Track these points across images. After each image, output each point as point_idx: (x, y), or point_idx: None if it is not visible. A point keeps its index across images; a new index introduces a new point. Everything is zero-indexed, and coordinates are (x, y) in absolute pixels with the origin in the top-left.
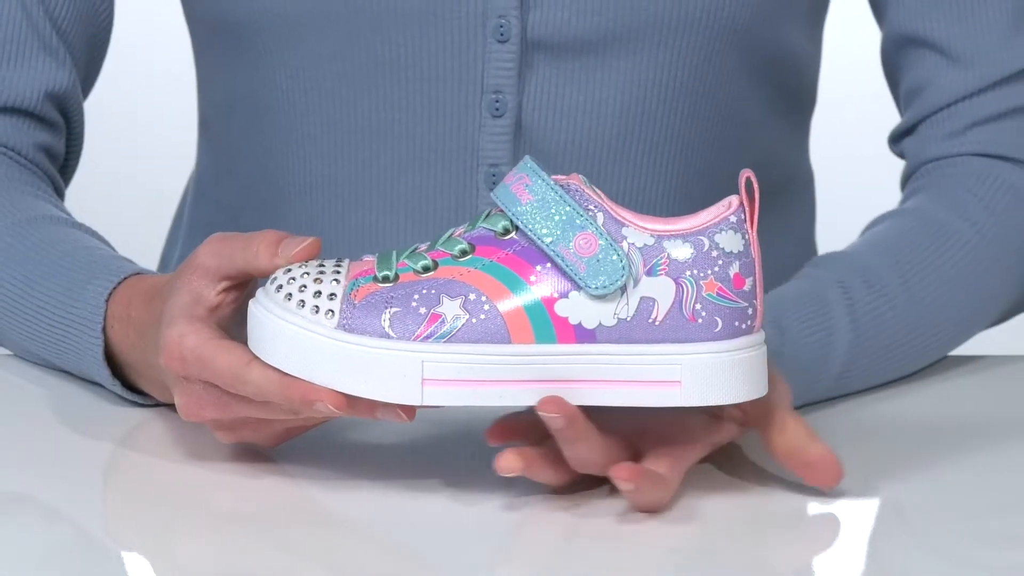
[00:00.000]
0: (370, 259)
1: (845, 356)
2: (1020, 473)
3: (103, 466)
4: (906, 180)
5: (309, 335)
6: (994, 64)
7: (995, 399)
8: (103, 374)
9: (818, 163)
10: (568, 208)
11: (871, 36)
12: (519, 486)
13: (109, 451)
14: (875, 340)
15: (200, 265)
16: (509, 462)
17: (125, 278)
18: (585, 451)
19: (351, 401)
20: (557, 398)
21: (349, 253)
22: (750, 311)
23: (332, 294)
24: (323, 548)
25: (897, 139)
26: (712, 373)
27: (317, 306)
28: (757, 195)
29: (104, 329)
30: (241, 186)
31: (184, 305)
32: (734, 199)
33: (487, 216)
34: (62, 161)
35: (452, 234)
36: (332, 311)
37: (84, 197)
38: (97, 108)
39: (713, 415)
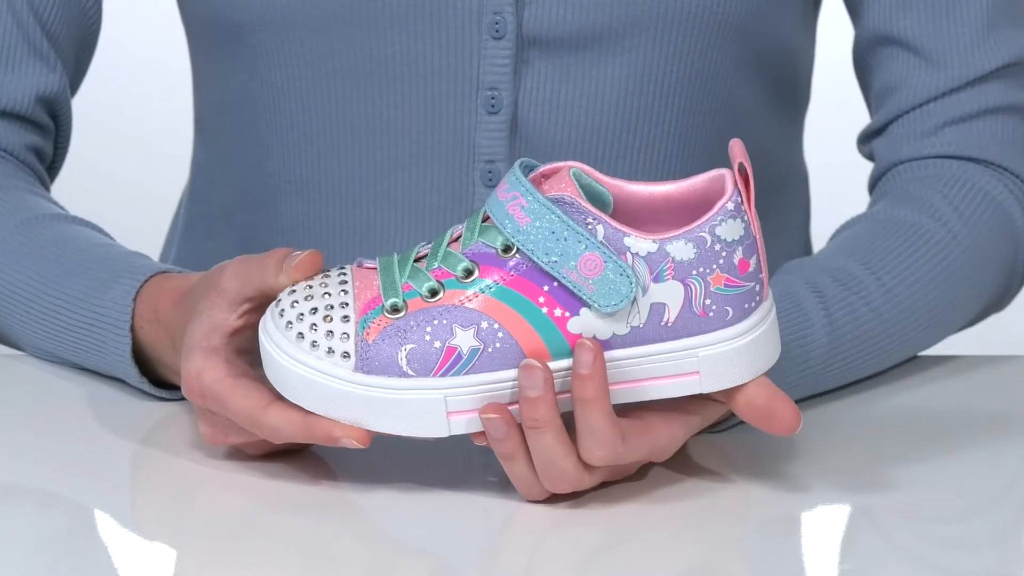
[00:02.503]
0: (371, 265)
1: (823, 352)
2: (986, 475)
3: (128, 461)
4: (875, 182)
5: (328, 379)
6: (967, 64)
7: (966, 400)
8: (130, 372)
9: (812, 163)
10: (568, 230)
11: None
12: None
13: (132, 447)
14: (852, 335)
15: (223, 289)
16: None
17: (150, 277)
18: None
19: (375, 433)
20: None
21: (345, 250)
22: (757, 288)
23: (344, 334)
24: (345, 544)
25: (866, 140)
26: (729, 359)
27: (331, 348)
28: (751, 172)
29: (132, 328)
30: (236, 185)
31: (201, 335)
32: (727, 175)
33: (484, 229)
34: (49, 162)
35: (451, 239)
36: (348, 353)
37: (83, 197)
38: (97, 108)
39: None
